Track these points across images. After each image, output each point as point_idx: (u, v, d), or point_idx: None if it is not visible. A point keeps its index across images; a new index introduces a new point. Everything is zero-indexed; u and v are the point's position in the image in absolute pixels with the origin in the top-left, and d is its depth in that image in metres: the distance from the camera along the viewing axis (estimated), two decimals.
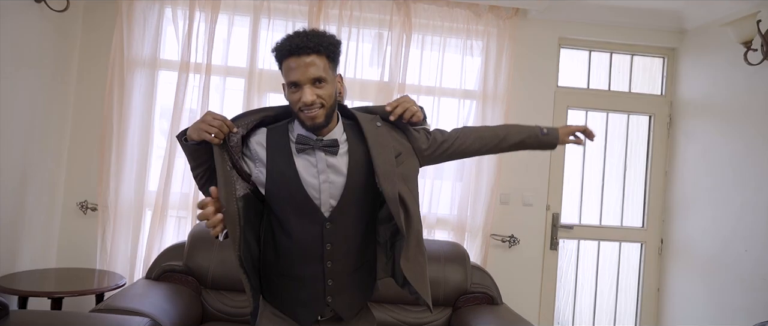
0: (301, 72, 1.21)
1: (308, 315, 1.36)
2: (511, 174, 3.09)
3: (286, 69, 1.24)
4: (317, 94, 1.23)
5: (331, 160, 1.29)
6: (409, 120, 1.38)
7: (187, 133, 1.29)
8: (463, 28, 3.02)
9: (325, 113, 1.26)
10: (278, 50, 1.25)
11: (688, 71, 3.18)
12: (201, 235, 2.51)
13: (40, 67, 2.58)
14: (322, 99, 1.24)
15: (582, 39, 3.24)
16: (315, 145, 1.28)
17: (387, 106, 1.38)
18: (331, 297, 1.35)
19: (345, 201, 1.29)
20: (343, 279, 1.35)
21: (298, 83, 1.23)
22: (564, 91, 3.24)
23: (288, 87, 1.25)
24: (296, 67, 1.21)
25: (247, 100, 2.89)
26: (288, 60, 1.23)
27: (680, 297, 3.08)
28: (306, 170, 1.28)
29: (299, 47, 1.21)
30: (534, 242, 3.15)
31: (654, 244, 3.27)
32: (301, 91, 1.22)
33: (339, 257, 1.32)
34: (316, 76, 1.23)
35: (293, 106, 1.26)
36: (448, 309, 2.58)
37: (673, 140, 3.24)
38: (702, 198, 2.95)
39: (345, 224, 1.31)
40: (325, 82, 1.25)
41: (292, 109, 1.27)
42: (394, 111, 1.36)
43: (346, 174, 1.29)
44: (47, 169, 2.73)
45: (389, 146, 1.32)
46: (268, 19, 2.90)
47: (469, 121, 3.08)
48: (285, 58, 1.24)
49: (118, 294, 2.15)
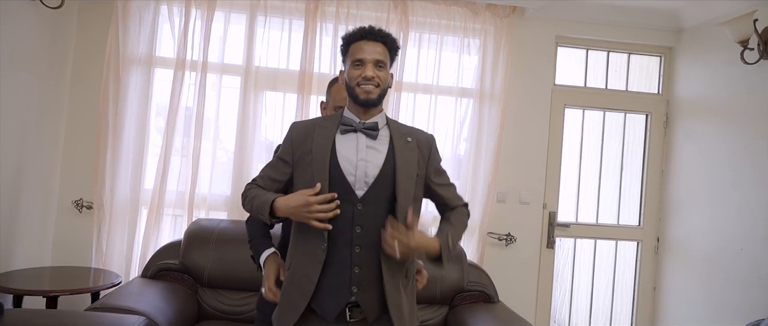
0: (368, 51, 1.41)
1: (332, 305, 1.38)
2: (508, 172, 3.09)
3: (356, 49, 1.42)
4: (377, 73, 1.41)
5: (370, 142, 1.43)
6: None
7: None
8: (460, 26, 3.01)
9: (378, 92, 1.42)
10: (351, 35, 1.44)
11: (685, 70, 3.18)
12: (197, 233, 2.50)
13: (35, 64, 2.56)
14: (379, 79, 1.41)
15: (579, 37, 3.23)
16: (358, 127, 1.43)
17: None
18: (356, 287, 1.38)
19: (378, 184, 1.39)
20: (370, 272, 1.38)
21: (364, 60, 1.40)
22: (561, 89, 3.24)
23: (352, 64, 1.42)
24: (365, 48, 1.41)
25: (244, 98, 2.87)
26: (359, 42, 1.42)
27: (676, 295, 3.08)
28: (345, 148, 1.41)
29: (371, 33, 1.42)
30: (531, 240, 3.15)
31: (650, 243, 3.28)
32: (364, 67, 1.40)
33: (367, 244, 1.38)
34: (379, 59, 1.42)
35: (352, 81, 1.42)
36: (444, 308, 2.57)
37: (669, 139, 3.24)
38: (699, 196, 2.95)
39: (375, 210, 1.39)
40: (384, 67, 1.44)
41: (350, 85, 1.43)
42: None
43: (384, 154, 1.42)
44: (42, 167, 2.71)
45: (413, 165, 1.44)
46: (264, 16, 2.89)
47: (466, 121, 3.07)
48: (356, 40, 1.43)
49: (114, 292, 2.14)
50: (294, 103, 2.91)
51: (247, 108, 2.86)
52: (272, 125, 2.91)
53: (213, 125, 2.90)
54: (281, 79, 2.91)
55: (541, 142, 3.17)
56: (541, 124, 3.17)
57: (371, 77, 1.39)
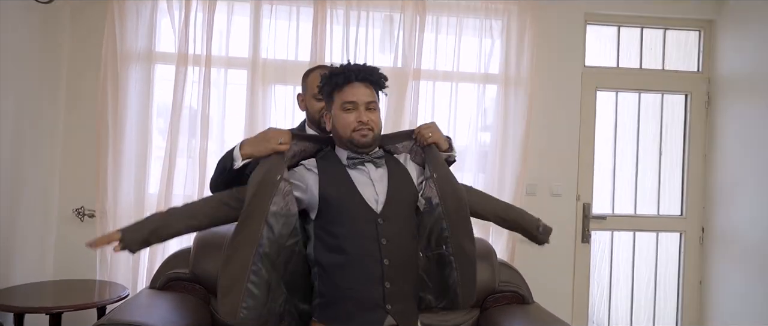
0: (360, 95, 1.42)
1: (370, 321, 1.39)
2: (538, 162, 2.97)
3: (346, 92, 1.42)
4: (369, 116, 1.42)
5: (380, 170, 1.48)
6: (430, 144, 1.54)
7: (244, 151, 1.46)
8: (480, 6, 2.88)
9: (373, 136, 1.44)
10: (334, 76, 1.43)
11: (728, 45, 3.03)
12: (207, 240, 2.39)
13: (27, 63, 2.50)
14: (372, 122, 1.43)
15: (610, 14, 3.10)
16: (365, 159, 1.46)
17: (414, 131, 1.57)
18: (390, 304, 1.39)
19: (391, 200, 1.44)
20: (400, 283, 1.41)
21: (356, 103, 1.41)
22: (592, 71, 3.11)
23: (342, 107, 1.42)
24: (358, 92, 1.42)
25: (251, 94, 2.76)
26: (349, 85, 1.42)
27: (725, 290, 2.95)
28: (358, 179, 1.44)
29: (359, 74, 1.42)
30: (564, 235, 3.03)
31: (695, 233, 3.16)
32: (360, 112, 1.41)
33: (395, 251, 1.40)
34: (371, 100, 1.43)
35: (346, 127, 1.42)
36: (475, 311, 2.45)
37: (712, 120, 3.11)
38: (746, 182, 2.81)
39: (397, 222, 1.43)
40: (376, 108, 1.46)
41: (342, 131, 1.43)
42: (418, 136, 1.55)
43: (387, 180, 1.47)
44: (39, 175, 2.65)
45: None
46: (270, 5, 2.78)
47: (490, 109, 2.96)
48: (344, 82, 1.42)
49: (121, 306, 2.07)
50: None
51: (256, 103, 2.76)
52: (282, 120, 2.80)
53: (219, 123, 2.80)
54: (290, 71, 2.79)
55: (572, 129, 3.04)
56: (571, 109, 3.04)
57: (366, 121, 1.42)
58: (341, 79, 1.42)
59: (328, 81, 1.44)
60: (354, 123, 1.40)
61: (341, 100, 1.42)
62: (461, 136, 2.88)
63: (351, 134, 1.41)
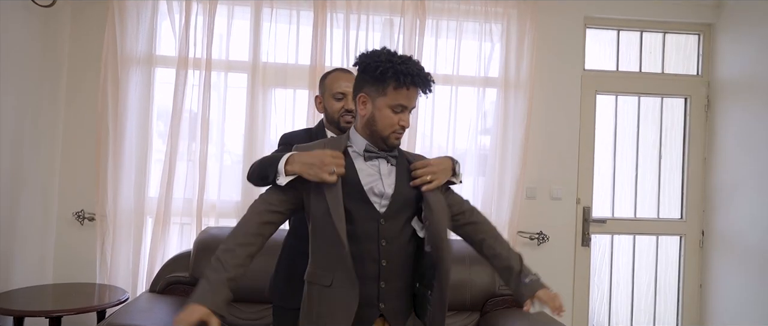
0: (413, 100, 1.41)
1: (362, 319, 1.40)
2: (538, 166, 2.96)
3: (403, 94, 1.37)
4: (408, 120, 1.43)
5: (389, 167, 1.46)
6: None
7: (291, 168, 1.39)
8: (480, 10, 2.87)
9: None
10: (402, 75, 1.34)
11: (727, 48, 3.01)
12: (207, 243, 2.40)
13: (27, 66, 2.49)
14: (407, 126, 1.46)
15: (609, 17, 3.09)
16: (380, 154, 1.45)
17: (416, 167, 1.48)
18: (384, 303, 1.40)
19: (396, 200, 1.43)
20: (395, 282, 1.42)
21: (407, 108, 1.40)
22: (591, 74, 3.10)
23: (392, 106, 1.38)
24: (413, 96, 1.40)
25: (252, 97, 2.75)
26: (413, 87, 1.38)
27: (725, 293, 2.93)
28: (368, 172, 1.43)
29: (424, 82, 1.38)
30: (564, 238, 3.02)
31: (695, 237, 3.14)
32: (405, 115, 1.41)
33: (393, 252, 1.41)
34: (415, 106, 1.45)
35: (389, 127, 1.40)
36: (475, 314, 2.47)
37: (711, 124, 3.10)
38: (746, 185, 2.80)
39: (397, 225, 1.42)
40: None
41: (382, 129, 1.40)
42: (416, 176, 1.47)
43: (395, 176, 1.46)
44: (39, 178, 2.64)
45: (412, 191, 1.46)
46: (270, 8, 2.77)
47: (490, 112, 2.93)
48: (410, 85, 1.36)
49: (121, 310, 2.08)
50: (305, 99, 2.79)
51: (256, 106, 2.75)
52: (282, 124, 2.79)
53: (219, 126, 2.80)
54: (291, 74, 2.80)
55: (571, 132, 3.03)
56: (571, 112, 3.03)
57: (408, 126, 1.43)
58: (409, 81, 1.34)
59: (394, 73, 1.33)
60: (396, 125, 1.39)
61: (396, 100, 1.36)
62: (461, 139, 2.88)
63: (389, 134, 1.40)
